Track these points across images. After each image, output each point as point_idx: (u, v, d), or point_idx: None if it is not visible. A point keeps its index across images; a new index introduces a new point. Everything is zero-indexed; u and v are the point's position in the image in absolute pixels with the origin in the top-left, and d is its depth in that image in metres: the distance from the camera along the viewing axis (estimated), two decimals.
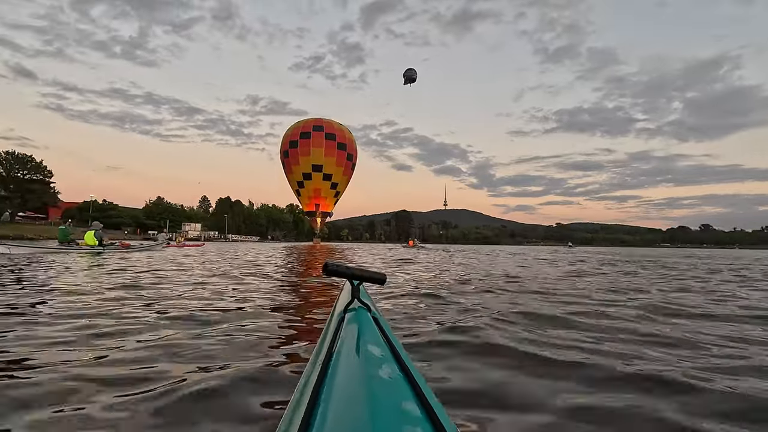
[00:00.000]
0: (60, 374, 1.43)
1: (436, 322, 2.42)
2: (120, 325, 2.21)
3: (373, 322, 0.76)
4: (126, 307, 2.74)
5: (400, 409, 0.41)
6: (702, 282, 5.55)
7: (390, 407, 0.41)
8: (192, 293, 3.51)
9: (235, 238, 73.37)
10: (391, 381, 0.49)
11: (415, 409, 0.42)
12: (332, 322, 0.82)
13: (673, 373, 1.51)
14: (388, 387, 0.47)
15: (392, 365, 0.55)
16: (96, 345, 1.83)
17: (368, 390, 0.44)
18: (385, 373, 0.51)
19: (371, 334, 0.68)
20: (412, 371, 0.53)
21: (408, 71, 32.51)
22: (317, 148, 36.25)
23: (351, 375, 0.50)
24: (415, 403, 0.44)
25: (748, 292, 4.39)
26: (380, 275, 0.91)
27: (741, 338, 2.19)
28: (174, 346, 1.80)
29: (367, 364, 0.53)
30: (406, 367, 0.54)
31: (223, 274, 5.42)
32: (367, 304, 0.86)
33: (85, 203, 67.09)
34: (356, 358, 0.55)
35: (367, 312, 0.82)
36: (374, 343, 0.63)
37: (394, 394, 0.45)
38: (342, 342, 0.64)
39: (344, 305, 0.88)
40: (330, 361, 0.56)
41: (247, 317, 2.51)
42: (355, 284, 0.89)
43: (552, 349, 1.84)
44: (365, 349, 0.59)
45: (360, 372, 0.50)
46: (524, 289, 4.19)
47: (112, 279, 4.39)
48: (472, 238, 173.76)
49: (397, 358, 0.58)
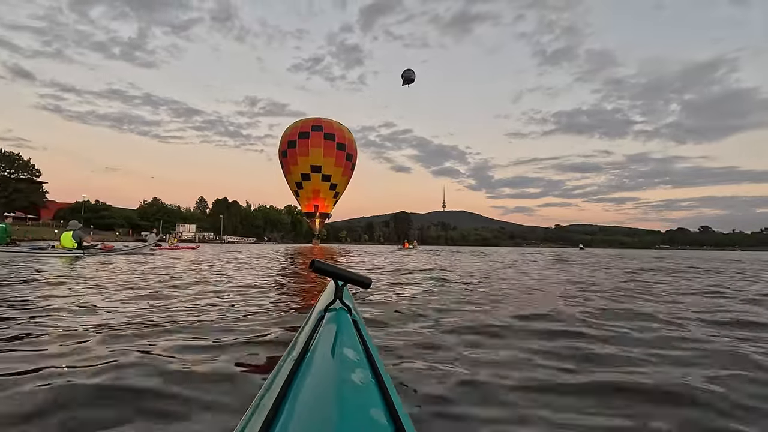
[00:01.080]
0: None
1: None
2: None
3: (352, 324, 0.75)
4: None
5: (366, 415, 0.41)
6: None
7: (357, 412, 0.41)
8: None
9: (231, 240, 71.79)
10: (361, 386, 0.48)
11: (381, 417, 0.41)
12: (311, 319, 0.83)
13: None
14: (358, 391, 0.46)
15: (365, 370, 0.54)
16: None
17: (337, 392, 0.44)
18: (357, 377, 0.50)
19: (349, 336, 0.67)
20: (384, 378, 0.52)
21: (406, 72, 32.77)
22: (316, 149, 36.15)
23: (322, 375, 0.50)
24: (382, 411, 0.43)
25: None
26: (365, 279, 0.90)
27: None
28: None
29: (339, 365, 0.53)
30: (379, 373, 0.54)
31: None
32: (349, 306, 0.86)
33: (77, 203, 65.72)
34: (330, 359, 0.55)
35: (348, 314, 0.82)
36: (350, 346, 0.62)
37: (363, 399, 0.45)
38: (318, 341, 0.63)
39: (325, 304, 0.87)
40: (303, 359, 0.56)
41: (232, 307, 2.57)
42: (339, 285, 0.88)
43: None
44: (340, 351, 0.58)
45: (331, 373, 0.50)
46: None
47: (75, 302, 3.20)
48: (472, 239, 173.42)
49: (371, 363, 0.57)
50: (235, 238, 75.35)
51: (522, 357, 1.75)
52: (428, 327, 2.32)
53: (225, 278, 5.14)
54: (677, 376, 1.54)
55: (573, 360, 1.72)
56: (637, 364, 1.70)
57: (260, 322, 2.35)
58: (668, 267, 10.19)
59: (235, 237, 77.48)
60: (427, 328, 2.30)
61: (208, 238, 68.23)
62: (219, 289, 3.96)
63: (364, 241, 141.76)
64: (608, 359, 1.75)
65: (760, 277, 7.34)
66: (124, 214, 71.28)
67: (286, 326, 2.20)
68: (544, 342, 2.02)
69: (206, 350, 1.71)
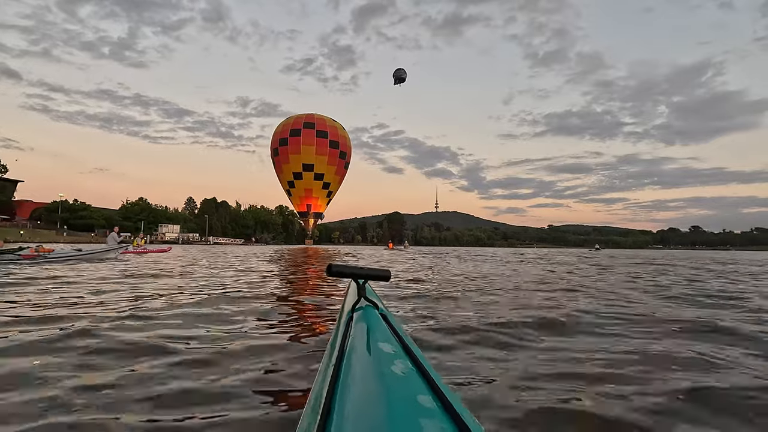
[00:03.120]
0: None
1: None
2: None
3: (382, 319, 0.75)
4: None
5: (417, 404, 0.41)
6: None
7: (406, 403, 0.41)
8: None
9: (218, 241, 68.79)
10: (404, 377, 0.48)
11: (431, 404, 0.42)
12: (341, 322, 0.82)
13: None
14: (403, 383, 0.47)
15: (405, 361, 0.54)
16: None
17: (383, 387, 0.44)
18: (398, 369, 0.50)
19: (381, 331, 0.67)
20: (425, 366, 0.53)
21: (397, 71, 32.76)
22: (308, 146, 34.32)
23: (364, 373, 0.50)
24: (431, 398, 0.43)
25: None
26: (384, 272, 0.90)
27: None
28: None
29: (379, 361, 0.53)
30: (419, 362, 0.54)
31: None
32: (375, 302, 0.85)
33: (53, 203, 62.10)
34: (368, 356, 0.55)
35: (375, 310, 0.81)
36: (385, 340, 0.62)
37: (410, 390, 0.45)
38: (353, 341, 0.63)
39: (351, 305, 0.87)
40: (342, 360, 0.56)
41: (256, 318, 2.50)
42: (360, 283, 0.88)
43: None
44: (376, 347, 0.58)
45: (373, 369, 0.50)
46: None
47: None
48: (466, 240, 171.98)
49: (409, 353, 0.57)
50: (222, 240, 72.26)
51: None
52: None
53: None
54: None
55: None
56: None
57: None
58: (730, 269, 8.04)
59: (221, 238, 74.28)
60: None
61: (192, 239, 65.27)
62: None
63: (357, 242, 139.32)
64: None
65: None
66: (105, 214, 67.69)
67: (315, 329, 2.23)
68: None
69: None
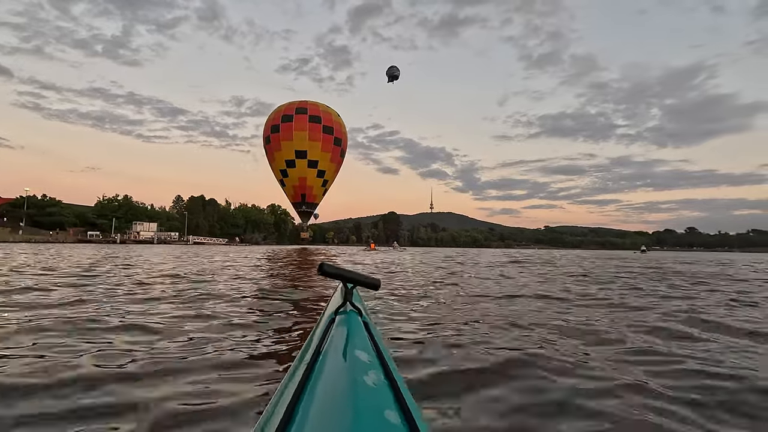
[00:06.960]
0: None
1: None
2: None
3: (363, 326, 0.74)
4: None
5: (381, 417, 0.40)
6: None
7: (371, 414, 0.40)
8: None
9: (198, 240, 63.39)
10: (375, 388, 0.47)
11: (396, 419, 0.41)
12: (322, 323, 0.82)
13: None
14: (372, 393, 0.46)
15: (378, 372, 0.53)
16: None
17: (351, 394, 0.44)
18: (371, 380, 0.49)
19: (360, 338, 0.67)
20: (397, 380, 0.52)
21: (391, 69, 32.53)
22: (300, 132, 31.31)
23: (335, 378, 0.50)
24: (396, 413, 0.42)
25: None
26: (374, 280, 0.91)
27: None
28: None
29: (353, 369, 0.52)
30: (392, 375, 0.53)
31: None
32: (359, 308, 0.85)
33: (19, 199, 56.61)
34: (342, 363, 0.55)
35: (358, 316, 0.81)
36: (362, 348, 0.61)
37: (377, 401, 0.44)
38: (330, 344, 0.63)
39: (336, 307, 0.86)
40: (316, 362, 0.56)
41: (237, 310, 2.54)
42: (348, 287, 0.87)
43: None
44: (352, 353, 0.58)
45: (344, 376, 0.50)
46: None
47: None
48: (462, 241, 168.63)
49: (383, 365, 0.57)
50: (203, 239, 66.89)
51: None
52: None
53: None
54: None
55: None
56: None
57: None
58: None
59: (202, 238, 68.77)
60: None
61: (170, 238, 60.13)
62: None
63: (351, 242, 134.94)
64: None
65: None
66: (77, 210, 62.31)
67: (296, 327, 2.23)
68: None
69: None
